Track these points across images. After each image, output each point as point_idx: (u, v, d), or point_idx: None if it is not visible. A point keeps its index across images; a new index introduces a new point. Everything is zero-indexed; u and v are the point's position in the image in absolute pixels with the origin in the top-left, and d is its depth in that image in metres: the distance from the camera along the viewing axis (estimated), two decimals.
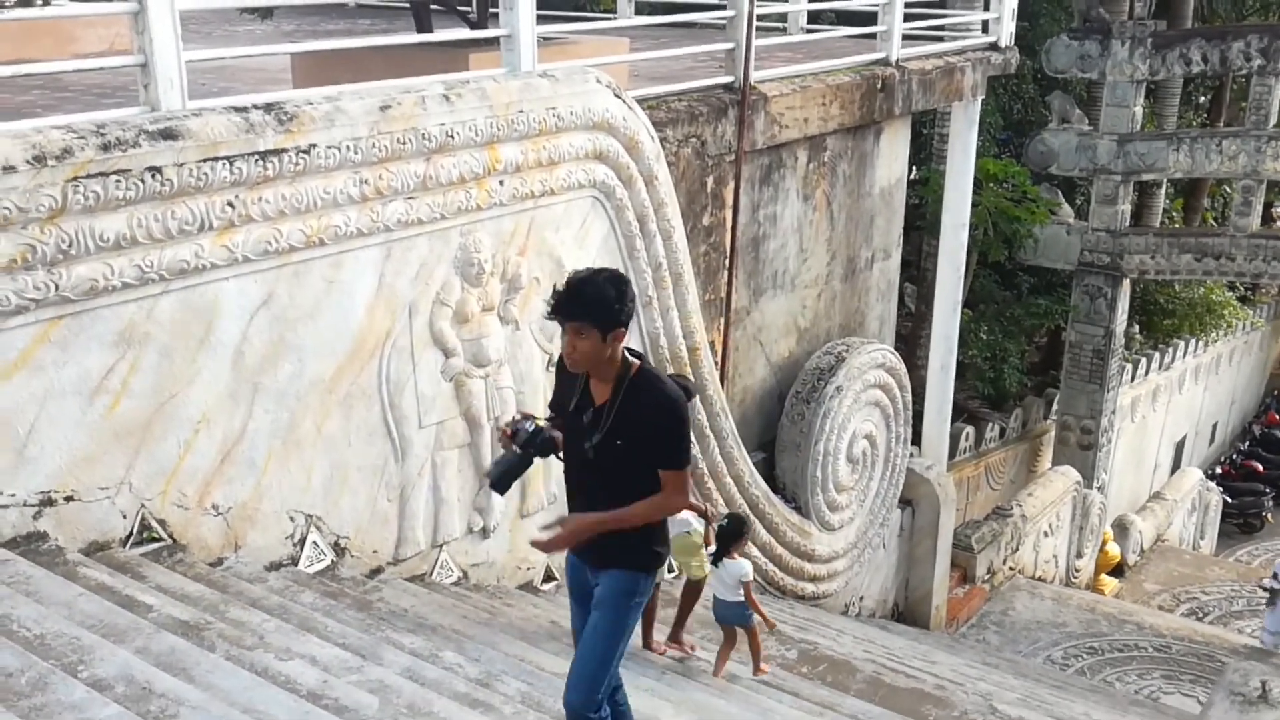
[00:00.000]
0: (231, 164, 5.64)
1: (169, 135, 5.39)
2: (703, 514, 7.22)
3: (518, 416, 4.29)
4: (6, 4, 10.70)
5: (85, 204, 5.12)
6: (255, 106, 5.86)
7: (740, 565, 7.07)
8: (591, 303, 3.86)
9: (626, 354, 4.06)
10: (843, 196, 11.66)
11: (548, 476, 8.12)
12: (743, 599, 7.06)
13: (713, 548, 7.13)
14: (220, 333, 5.91)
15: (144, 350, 5.59)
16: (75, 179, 5.05)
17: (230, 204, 5.72)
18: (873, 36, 11.69)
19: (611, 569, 4.28)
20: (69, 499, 5.40)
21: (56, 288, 5.12)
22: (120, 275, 5.35)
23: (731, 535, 7.07)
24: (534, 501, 8.16)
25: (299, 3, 7.93)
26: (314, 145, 6.03)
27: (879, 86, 11.25)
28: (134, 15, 5.57)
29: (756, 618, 7.18)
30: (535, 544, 4.30)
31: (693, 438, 9.07)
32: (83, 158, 5.07)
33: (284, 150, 5.87)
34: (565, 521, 4.20)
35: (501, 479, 4.21)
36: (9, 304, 4.97)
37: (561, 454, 4.28)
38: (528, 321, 7.75)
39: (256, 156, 5.75)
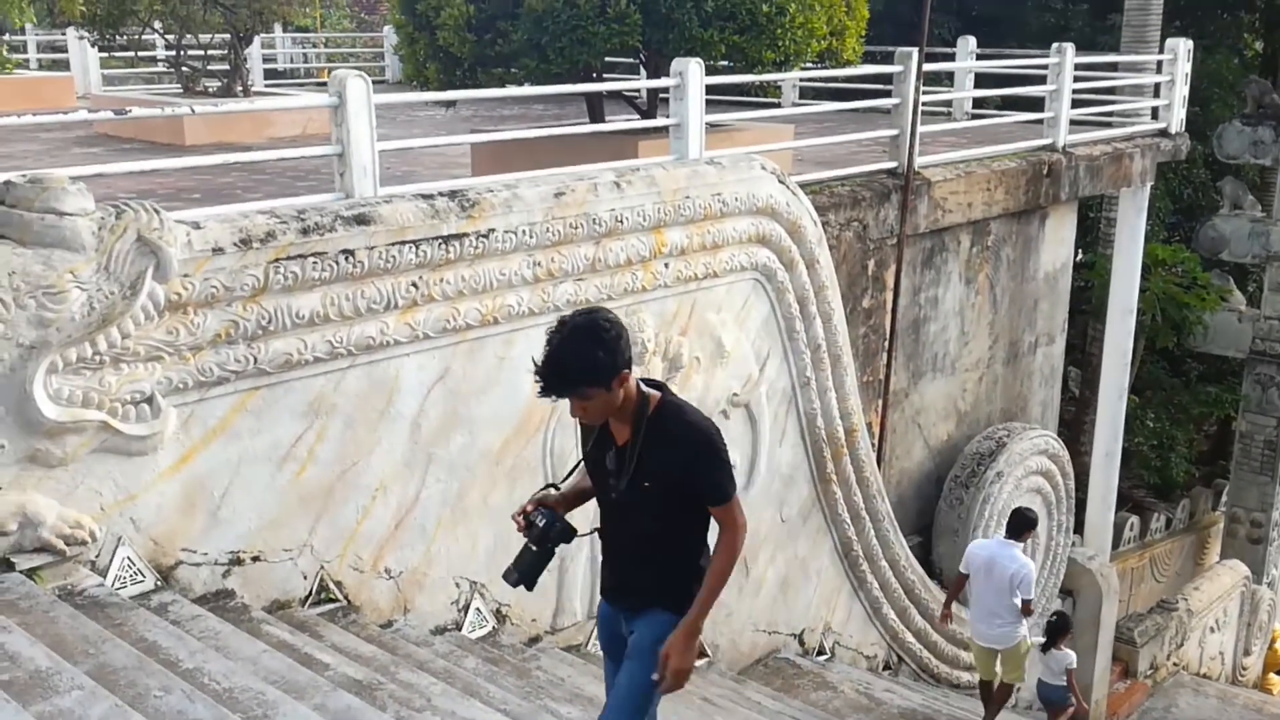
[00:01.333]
0: (417, 247, 5.92)
1: (362, 221, 5.70)
2: (1030, 613, 8.37)
3: (528, 507, 3.80)
4: (210, 90, 11.49)
5: (285, 284, 5.44)
6: (441, 194, 6.15)
7: (1067, 655, 8.85)
8: (578, 373, 3.41)
9: (642, 386, 3.59)
10: (1006, 280, 11.49)
11: None
12: (1065, 683, 8.81)
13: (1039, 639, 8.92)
14: (400, 405, 6.17)
15: (330, 420, 5.88)
16: (277, 260, 5.38)
17: (414, 284, 5.99)
18: (1039, 122, 11.58)
19: (650, 611, 3.77)
20: (255, 559, 5.68)
21: (255, 361, 5.44)
22: (312, 350, 5.66)
23: (1060, 629, 8.88)
24: None
25: (480, 95, 8.27)
26: (493, 230, 6.28)
27: (1045, 172, 11.11)
28: (334, 109, 5.94)
29: (1072, 699, 8.97)
30: (662, 690, 3.69)
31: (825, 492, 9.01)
32: (284, 241, 5.40)
33: (465, 235, 6.14)
34: (668, 651, 3.61)
35: (525, 578, 3.78)
36: (212, 375, 5.30)
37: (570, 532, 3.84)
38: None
39: (440, 240, 6.02)
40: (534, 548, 3.73)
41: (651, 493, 3.56)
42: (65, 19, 11.35)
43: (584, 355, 3.37)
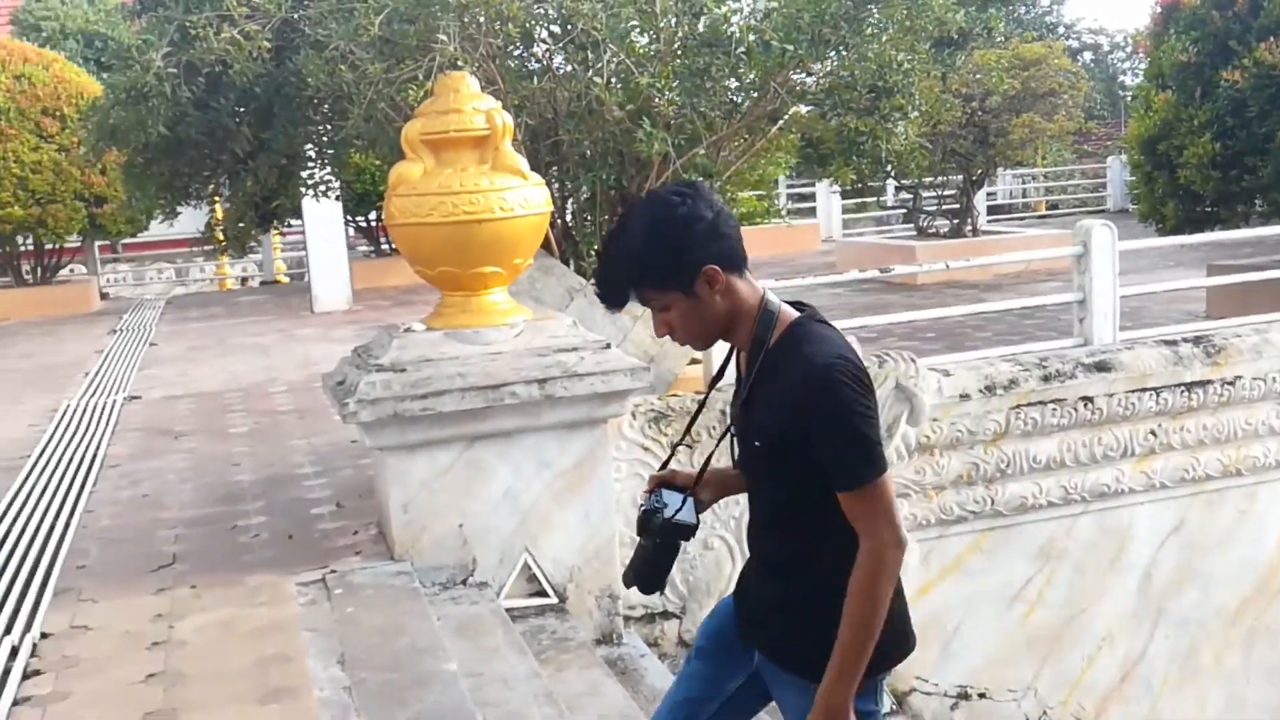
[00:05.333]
0: (1158, 394, 5.65)
1: (1102, 368, 5.55)
2: None
3: (648, 489, 2.52)
4: (940, 231, 11.94)
5: (1023, 429, 5.45)
6: (1184, 339, 5.83)
7: None
8: (628, 265, 2.19)
9: (770, 299, 2.24)
10: None
11: None
12: None
13: None
14: (1130, 554, 5.86)
15: (1059, 565, 5.73)
16: (1017, 406, 5.41)
17: (1152, 432, 5.70)
18: None
19: (794, 674, 2.29)
20: (982, 695, 5.66)
21: (992, 502, 5.49)
22: (1046, 495, 5.58)
23: None
24: None
25: (1225, 237, 7.72)
26: (1239, 377, 5.81)
27: None
28: (1077, 258, 5.88)
29: None
30: None
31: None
32: (1026, 388, 5.41)
33: (1209, 382, 5.74)
34: None
35: (637, 578, 2.53)
36: (952, 514, 5.43)
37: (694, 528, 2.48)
38: None
39: (1182, 388, 5.69)
40: (641, 540, 2.54)
41: (763, 458, 2.24)
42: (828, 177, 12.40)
43: (638, 241, 2.17)
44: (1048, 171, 19.67)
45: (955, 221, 11.39)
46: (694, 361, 5.47)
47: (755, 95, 5.00)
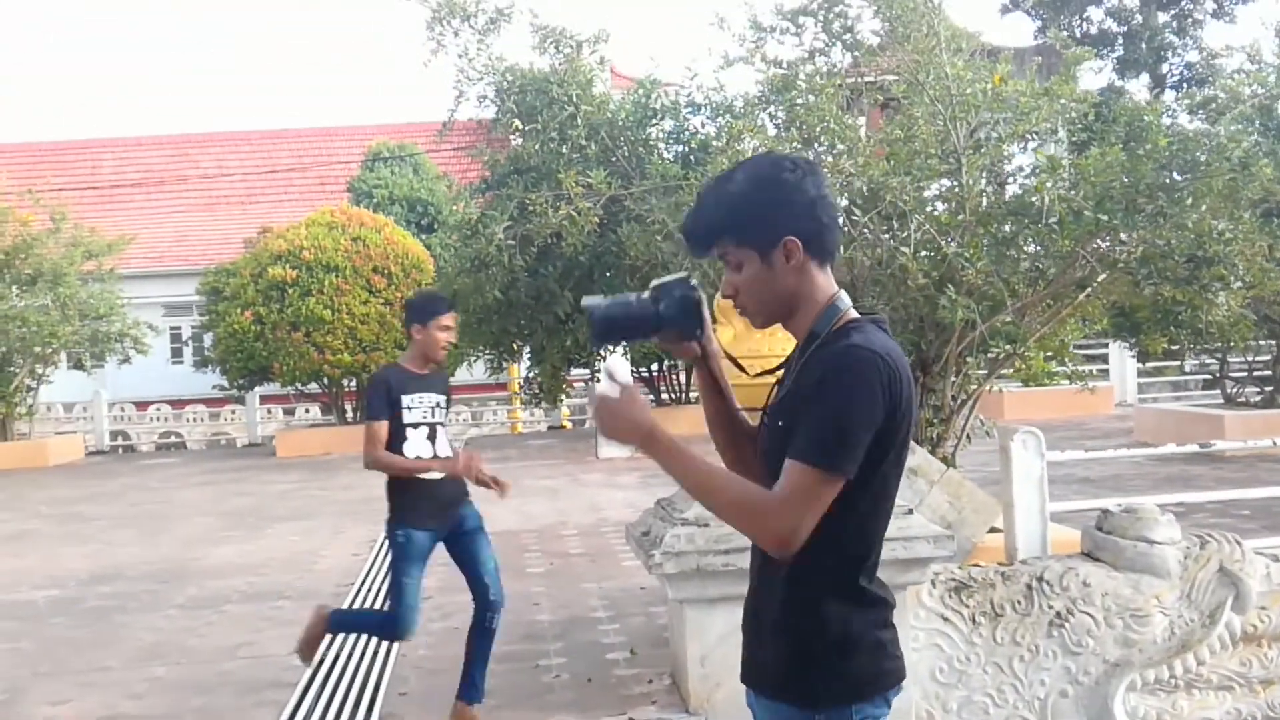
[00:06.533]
0: None
1: None
2: None
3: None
4: (1250, 401, 11.11)
5: None
6: None
7: None
8: (719, 213, 2.10)
9: (843, 301, 2.11)
10: None
11: None
12: None
13: None
14: None
15: None
16: None
17: None
18: None
19: (769, 699, 2.13)
20: None
21: None
22: None
23: None
24: None
25: None
26: None
27: None
28: None
29: None
30: None
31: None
32: None
33: None
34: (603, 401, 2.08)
35: (605, 324, 2.14)
36: (1276, 711, 4.91)
37: (702, 334, 2.19)
38: None
39: None
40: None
41: (779, 438, 2.06)
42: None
43: (736, 191, 2.09)
44: None
45: (1268, 390, 10.56)
46: (994, 530, 5.28)
47: (1063, 262, 4.89)
